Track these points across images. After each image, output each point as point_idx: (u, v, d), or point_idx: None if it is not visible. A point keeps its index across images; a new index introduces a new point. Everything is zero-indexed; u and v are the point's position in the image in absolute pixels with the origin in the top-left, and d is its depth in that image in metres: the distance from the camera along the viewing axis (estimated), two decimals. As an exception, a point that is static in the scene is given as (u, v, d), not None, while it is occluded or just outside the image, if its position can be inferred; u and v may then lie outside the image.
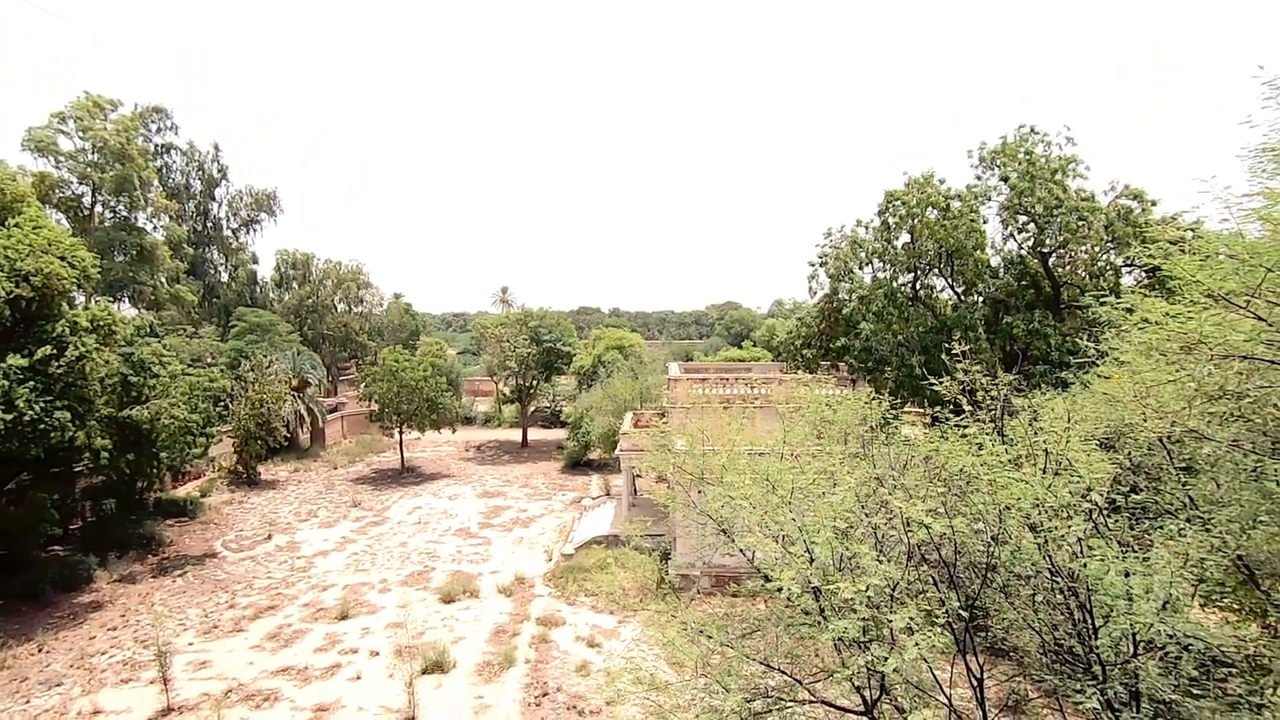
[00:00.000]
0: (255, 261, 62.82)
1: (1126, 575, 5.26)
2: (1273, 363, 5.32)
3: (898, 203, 26.50)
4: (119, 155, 41.72)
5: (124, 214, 44.14)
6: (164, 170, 55.05)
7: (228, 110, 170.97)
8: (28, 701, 17.23)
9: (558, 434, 53.50)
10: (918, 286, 27.67)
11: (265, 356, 42.57)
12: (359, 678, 18.19)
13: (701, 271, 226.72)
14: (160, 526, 30.05)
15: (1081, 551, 5.71)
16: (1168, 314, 6.04)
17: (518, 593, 23.86)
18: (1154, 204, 24.00)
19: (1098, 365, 9.39)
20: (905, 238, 26.91)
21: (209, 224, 59.40)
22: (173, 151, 56.26)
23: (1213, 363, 5.69)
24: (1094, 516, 6.21)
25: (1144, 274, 22.94)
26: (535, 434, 55.58)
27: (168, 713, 16.62)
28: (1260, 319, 5.21)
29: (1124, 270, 23.61)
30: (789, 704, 6.38)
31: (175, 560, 27.54)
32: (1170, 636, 5.25)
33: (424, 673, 18.05)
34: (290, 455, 45.83)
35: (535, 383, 53.56)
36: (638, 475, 30.17)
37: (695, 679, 6.69)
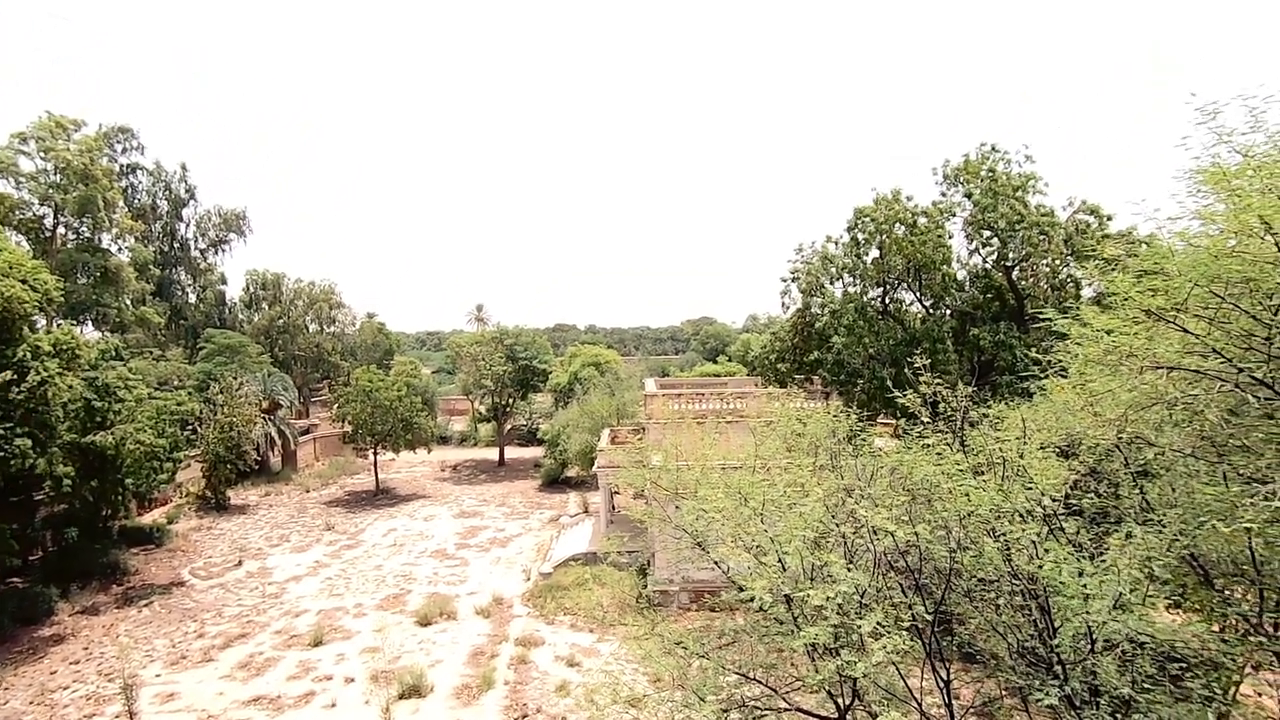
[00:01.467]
0: (224, 282, 61.84)
1: (1080, 574, 5.48)
2: (1197, 372, 5.63)
3: (866, 219, 27.11)
4: (82, 176, 40.95)
5: (87, 235, 43.23)
6: (129, 190, 54.12)
7: (196, 130, 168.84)
8: (-16, 741, 16.61)
9: (535, 452, 53.21)
10: (887, 300, 28.26)
11: (235, 378, 41.81)
12: (334, 705, 17.85)
13: (677, 286, 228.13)
14: (125, 555, 29.21)
15: (1037, 554, 5.93)
16: (1106, 329, 6.34)
17: (496, 613, 23.62)
18: (1109, 219, 24.92)
19: (1045, 377, 9.75)
20: (874, 253, 27.51)
21: (176, 244, 58.41)
22: (139, 171, 55.35)
23: (1143, 373, 5.99)
24: (1049, 520, 6.45)
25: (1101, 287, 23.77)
26: (512, 452, 55.22)
27: (134, 747, 16.15)
28: (1187, 332, 5.51)
29: (1084, 283, 24.39)
30: (765, 712, 6.48)
31: (141, 590, 26.78)
32: (1125, 635, 5.47)
33: (401, 698, 17.78)
34: (261, 479, 44.93)
35: (511, 401, 53.29)
36: (615, 492, 30.15)
37: (672, 691, 6.76)
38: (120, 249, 45.71)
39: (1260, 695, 11.74)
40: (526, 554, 30.37)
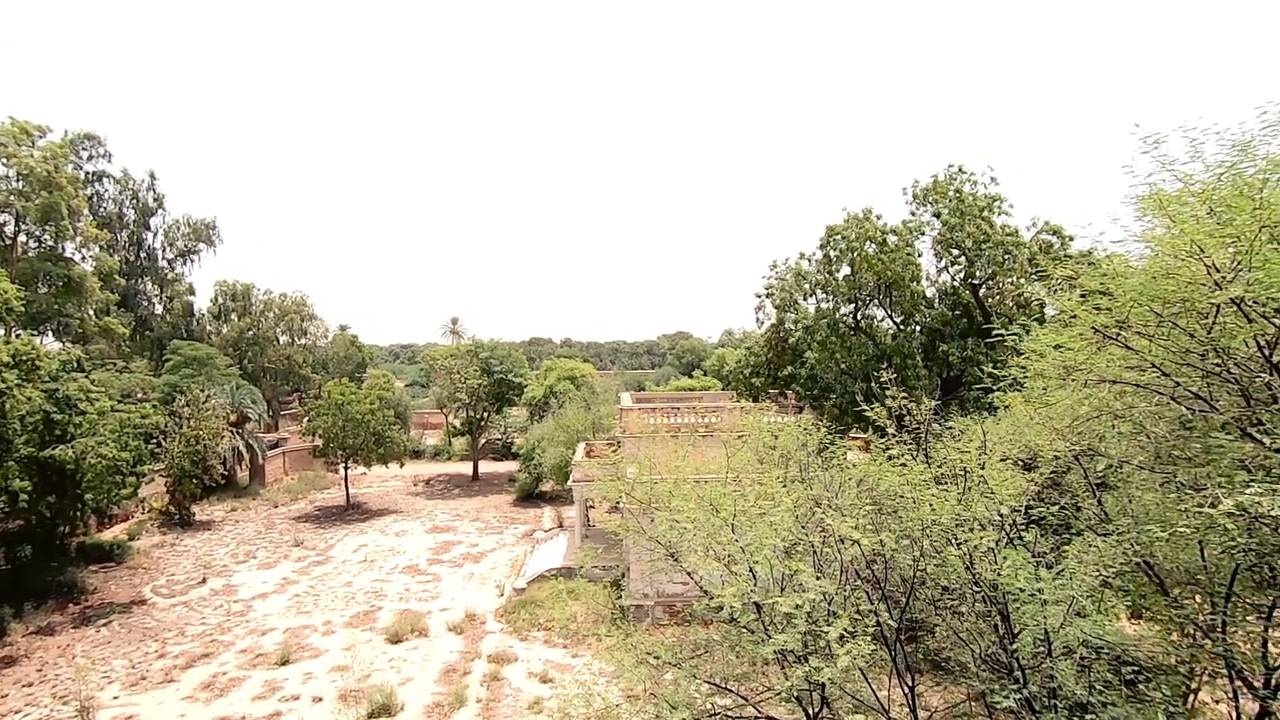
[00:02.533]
0: (192, 293, 60.67)
1: (1038, 579, 5.69)
2: (1136, 385, 5.91)
3: (838, 237, 27.67)
4: (45, 183, 40.03)
5: (50, 244, 42.19)
6: (95, 198, 53.00)
7: (165, 138, 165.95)
8: (-70, 768, 15.92)
9: (509, 466, 52.82)
10: (859, 317, 28.79)
11: (202, 391, 40.93)
12: (300, 725, 17.45)
13: (654, 301, 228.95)
14: (83, 573, 28.31)
15: (996, 561, 6.13)
16: (1055, 345, 6.64)
17: (468, 630, 23.33)
18: (1071, 239, 25.74)
19: (996, 389, 10.07)
20: (846, 270, 28.06)
21: (143, 254, 57.24)
22: (105, 179, 54.26)
23: (1087, 386, 6.28)
24: (1006, 528, 6.66)
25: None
26: (486, 467, 54.75)
27: (89, 772, 15.61)
28: (1128, 348, 5.80)
29: (1047, 301, 25.11)
30: (736, 719, 6.55)
31: (99, 609, 25.95)
32: (1082, 640, 5.67)
33: (370, 717, 17.45)
34: (228, 494, 43.92)
35: (486, 415, 52.92)
36: (591, 506, 30.06)
37: (645, 704, 6.80)
38: (84, 258, 44.66)
39: (1218, 702, 12.12)
40: (500, 569, 30.09)
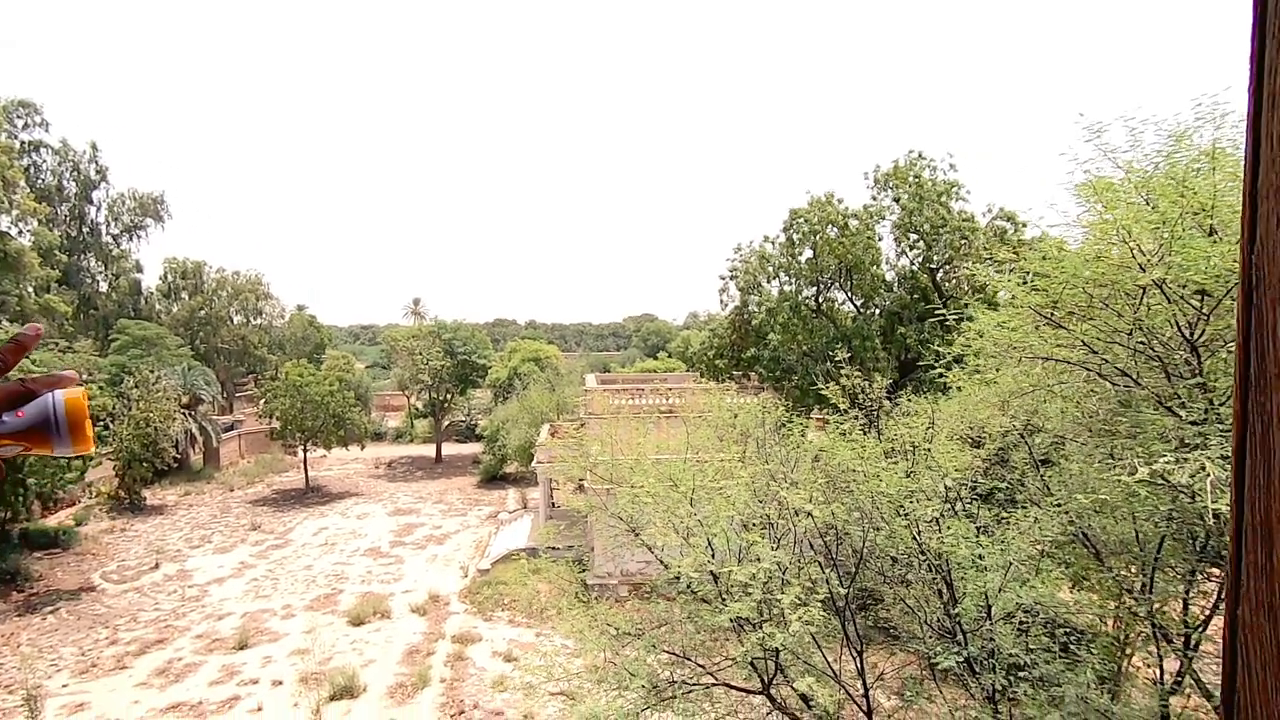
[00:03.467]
0: (140, 270, 58.27)
1: (979, 544, 5.98)
2: (1067, 362, 6.24)
3: (801, 220, 27.96)
4: (-23, 152, 37.95)
5: (-17, 217, 40.09)
6: (32, 170, 50.39)
7: (109, 110, 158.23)
8: None
9: (474, 448, 52.44)
10: (820, 300, 29.21)
11: (151, 372, 39.58)
12: (260, 709, 17.29)
13: (619, 283, 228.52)
14: (27, 560, 27.36)
15: (940, 530, 6.43)
16: (997, 324, 6.95)
17: (432, 611, 23.30)
18: (1024, 225, 26.47)
19: (937, 367, 10.43)
20: (808, 253, 28.40)
21: (86, 229, 54.73)
22: (43, 150, 51.59)
23: (1021, 363, 6.60)
24: (950, 499, 6.97)
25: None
26: (450, 449, 54.26)
27: (38, 761, 15.25)
28: (1060, 326, 6.11)
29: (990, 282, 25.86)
30: (694, 687, 6.76)
31: (45, 596, 25.16)
32: (1019, 605, 6.00)
33: (332, 699, 17.37)
34: (180, 477, 42.72)
35: (449, 396, 52.35)
36: (555, 487, 30.13)
37: (605, 671, 6.97)
38: (21, 232, 42.52)
39: (1151, 667, 12.87)
40: (464, 551, 30.03)
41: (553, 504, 29.94)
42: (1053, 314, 6.10)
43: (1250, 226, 0.59)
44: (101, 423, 32.98)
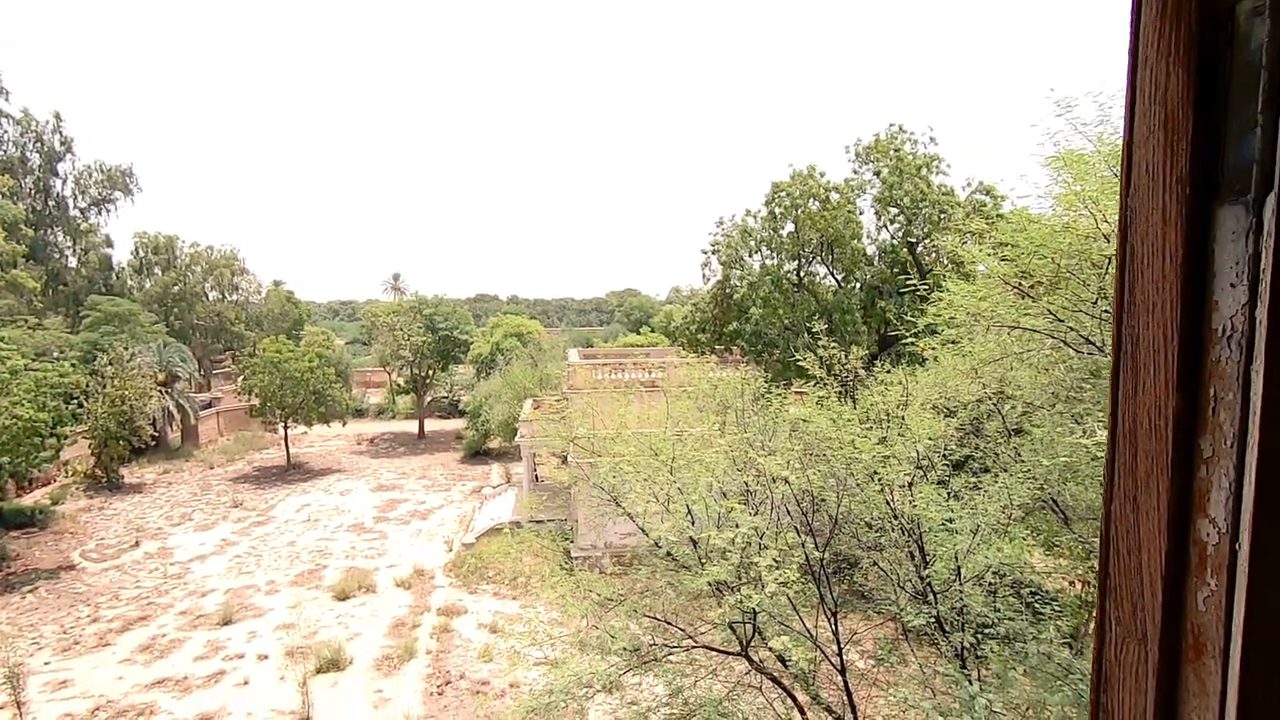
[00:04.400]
0: (110, 245, 56.83)
1: (949, 509, 6.19)
2: (1033, 330, 6.42)
3: (783, 194, 27.97)
4: (-65, 123, 36.62)
5: (-57, 190, 38.86)
6: (-8, 141, 48.81)
7: (70, 78, 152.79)
8: None
9: (456, 424, 52.35)
10: (802, 274, 29.35)
11: (125, 349, 38.91)
12: (246, 683, 17.42)
13: (602, 258, 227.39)
14: (3, 539, 27.07)
15: (912, 495, 6.63)
16: (967, 294, 7.11)
17: (417, 585, 23.48)
18: (1003, 199, 26.70)
19: (909, 337, 10.63)
20: (790, 227, 28.45)
21: (51, 203, 53.19)
22: (3, 120, 49.90)
23: (989, 331, 6.77)
24: (922, 465, 7.18)
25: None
26: (433, 425, 54.12)
27: (23, 738, 15.29)
28: (1027, 296, 6.28)
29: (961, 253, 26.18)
30: (675, 648, 6.96)
31: (23, 575, 24.95)
32: (989, 566, 6.23)
33: (318, 672, 17.53)
34: (158, 456, 42.25)
35: (431, 372, 52.08)
36: (539, 461, 30.30)
37: (588, 634, 7.16)
38: (-16, 206, 41.31)
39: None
40: (448, 525, 30.17)
41: (536, 478, 30.12)
42: (1020, 284, 6.26)
43: (1127, 173, 0.68)
44: (75, 400, 32.44)
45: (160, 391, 40.18)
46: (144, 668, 18.27)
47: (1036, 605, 7.06)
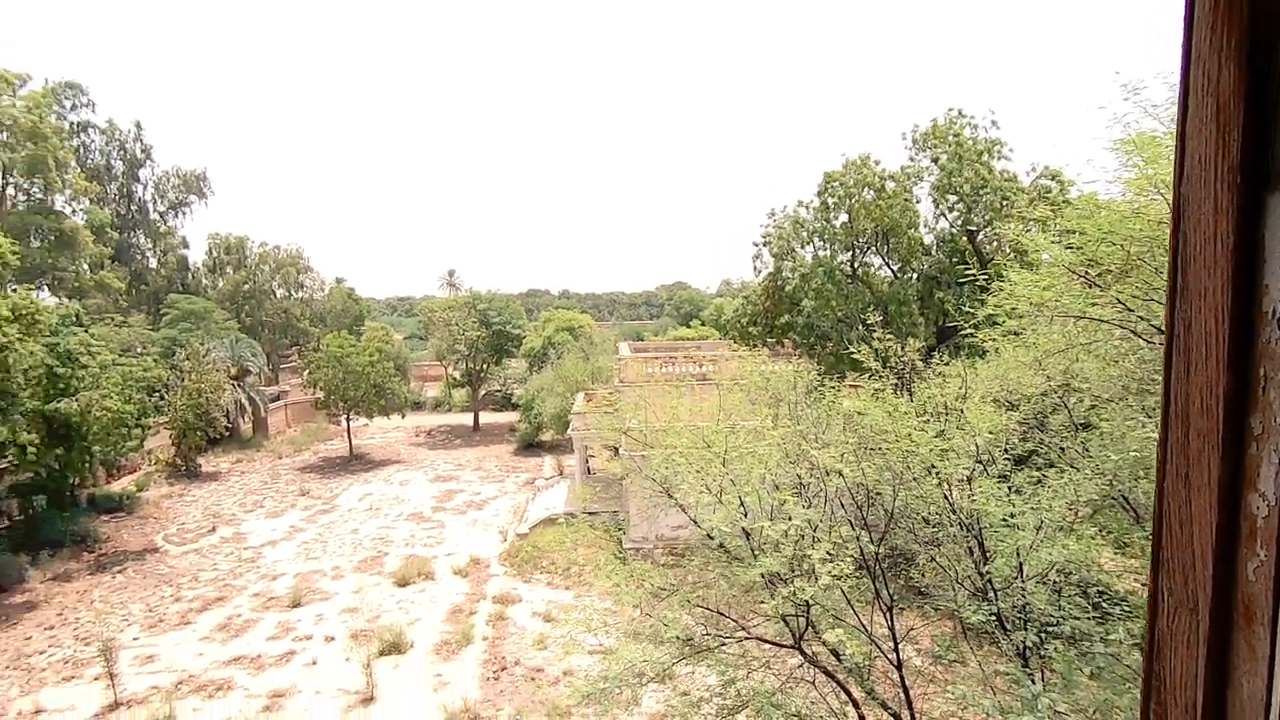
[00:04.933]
0: (186, 246, 60.17)
1: (1011, 503, 6.02)
2: (1100, 320, 6.13)
3: (836, 184, 27.44)
4: (30, 134, 39.34)
5: (39, 196, 41.76)
6: (81, 150, 52.11)
7: (148, 88, 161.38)
8: (-40, 704, 16.72)
9: (509, 417, 53.37)
10: (856, 264, 28.77)
11: (201, 344, 41.10)
12: (315, 663, 18.25)
13: (651, 252, 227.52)
14: (95, 523, 29.01)
15: (971, 489, 6.47)
16: (1029, 284, 6.85)
17: (473, 573, 24.12)
18: (1070, 184, 25.54)
19: (968, 328, 10.28)
20: (844, 217, 27.92)
21: (134, 207, 56.57)
22: (90, 130, 53.23)
23: (1053, 322, 6.51)
24: (982, 459, 6.99)
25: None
26: (486, 417, 55.32)
27: (115, 707, 16.39)
28: (1095, 284, 6.00)
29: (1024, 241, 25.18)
30: (728, 639, 7.01)
31: (113, 556, 26.71)
32: (1053, 564, 6.04)
33: (381, 654, 18.22)
34: (232, 446, 44.52)
35: (485, 366, 53.22)
36: (590, 455, 30.64)
37: (641, 621, 7.27)
38: (75, 211, 44.27)
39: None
40: (503, 516, 30.84)
41: (588, 470, 30.47)
42: (1087, 272, 6.02)
43: (1180, 163, 0.70)
44: (157, 393, 34.47)
45: (233, 385, 42.30)
46: (221, 645, 19.35)
47: (1105, 606, 6.82)
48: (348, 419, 43.98)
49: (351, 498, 34.69)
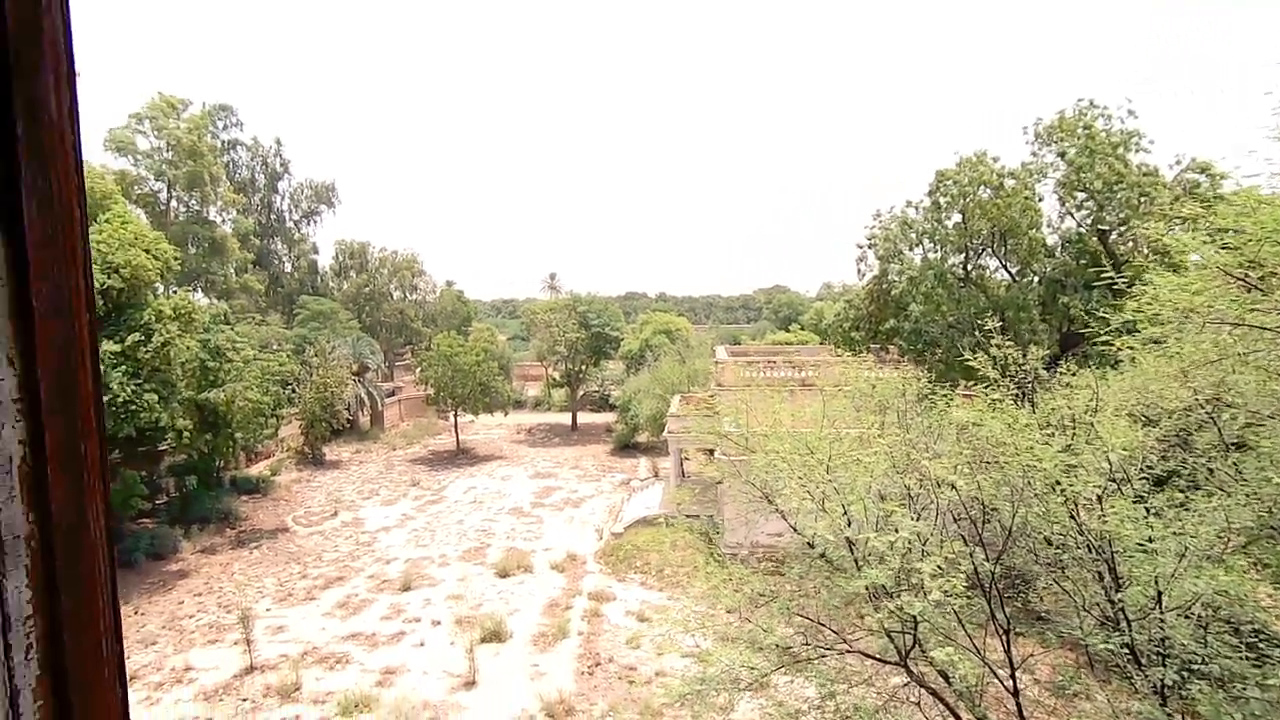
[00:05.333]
0: (315, 251, 65.34)
1: (1149, 527, 5.47)
2: (1263, 328, 5.42)
3: (949, 182, 26.02)
4: (190, 152, 44.06)
5: (196, 208, 46.68)
6: (230, 165, 57.74)
7: (278, 101, 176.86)
8: (128, 657, 18.89)
9: (606, 417, 54.29)
10: (969, 267, 27.15)
11: (327, 343, 44.52)
12: (422, 644, 19.31)
13: (749, 255, 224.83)
14: (236, 502, 32.05)
15: (1101, 508, 5.93)
16: (1174, 287, 6.16)
17: (569, 569, 24.70)
18: (1223, 178, 22.98)
19: (1103, 336, 9.42)
20: (956, 218, 26.42)
21: (272, 216, 62.09)
22: (238, 147, 58.89)
23: (1204, 329, 5.81)
24: (1115, 478, 6.39)
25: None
26: (584, 417, 56.53)
27: (250, 671, 18.02)
28: (1255, 288, 5.31)
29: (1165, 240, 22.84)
30: (828, 651, 6.80)
31: (251, 534, 29.39)
32: (1196, 596, 5.45)
33: (483, 641, 19.02)
34: (352, 437, 47.89)
35: (584, 367, 54.41)
36: (685, 458, 30.65)
37: (741, 628, 7.20)
38: (224, 220, 49.15)
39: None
40: (598, 514, 31.41)
41: (683, 472, 30.49)
42: (1246, 275, 5.37)
43: None
44: (290, 386, 37.68)
45: (354, 380, 45.53)
46: (341, 621, 20.85)
47: (1262, 647, 6.06)
48: (455, 415, 46.22)
49: (458, 490, 36.43)
